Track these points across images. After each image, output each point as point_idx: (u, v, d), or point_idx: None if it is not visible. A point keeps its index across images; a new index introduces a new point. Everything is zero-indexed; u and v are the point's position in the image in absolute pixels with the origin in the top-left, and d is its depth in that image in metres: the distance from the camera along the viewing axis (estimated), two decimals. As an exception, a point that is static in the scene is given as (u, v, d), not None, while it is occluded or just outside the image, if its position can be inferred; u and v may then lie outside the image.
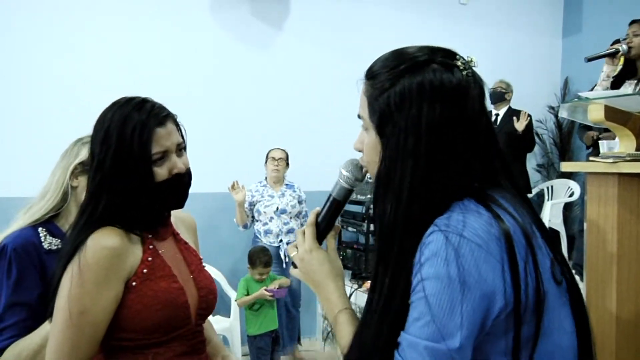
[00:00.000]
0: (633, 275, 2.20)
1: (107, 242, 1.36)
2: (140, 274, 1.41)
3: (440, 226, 0.95)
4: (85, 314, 1.33)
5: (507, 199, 1.03)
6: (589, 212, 2.33)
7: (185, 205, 1.57)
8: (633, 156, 2.17)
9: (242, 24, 5.21)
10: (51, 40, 4.56)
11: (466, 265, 0.91)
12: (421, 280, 0.94)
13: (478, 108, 1.05)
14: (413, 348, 0.92)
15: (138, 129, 1.39)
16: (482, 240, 0.93)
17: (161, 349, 1.44)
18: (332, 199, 1.24)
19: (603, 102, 2.25)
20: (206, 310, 1.57)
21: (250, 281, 4.37)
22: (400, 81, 1.02)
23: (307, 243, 1.23)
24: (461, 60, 1.06)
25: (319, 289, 1.21)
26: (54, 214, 1.77)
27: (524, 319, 0.94)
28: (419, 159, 0.99)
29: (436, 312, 0.91)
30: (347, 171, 1.22)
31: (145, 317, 1.39)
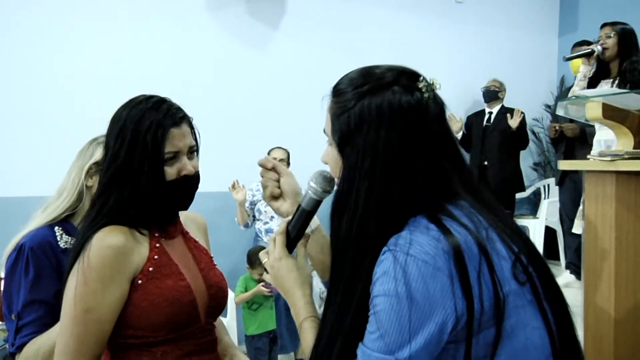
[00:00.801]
0: (631, 274, 2.20)
1: (111, 241, 1.37)
2: (146, 272, 1.42)
3: (390, 245, 0.99)
4: (91, 311, 1.35)
5: (463, 208, 1.06)
6: (586, 210, 2.32)
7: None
8: (631, 154, 2.17)
9: (239, 22, 5.19)
10: (50, 40, 4.54)
11: (413, 282, 0.95)
12: (374, 296, 0.99)
13: (436, 128, 1.07)
14: (367, 358, 0.98)
15: (154, 127, 1.41)
16: (429, 256, 0.96)
17: (169, 347, 1.44)
18: (301, 209, 1.28)
19: (601, 100, 2.24)
20: (216, 308, 1.58)
21: (249, 280, 4.36)
22: (361, 102, 1.06)
23: (277, 251, 1.27)
24: (424, 82, 1.08)
25: (287, 295, 1.25)
26: (70, 213, 1.80)
27: (481, 326, 0.96)
28: (374, 179, 1.03)
29: (386, 328, 0.96)
30: (315, 183, 1.26)
31: (151, 315, 1.40)
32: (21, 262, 1.68)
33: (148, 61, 4.79)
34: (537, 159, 6.44)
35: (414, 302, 0.94)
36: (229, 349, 1.68)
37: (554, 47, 6.58)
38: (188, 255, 1.58)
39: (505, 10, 6.32)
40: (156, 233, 1.50)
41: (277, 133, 5.07)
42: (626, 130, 2.28)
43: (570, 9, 6.45)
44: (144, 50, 4.82)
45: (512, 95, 5.70)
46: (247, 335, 4.37)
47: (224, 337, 1.72)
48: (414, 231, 0.99)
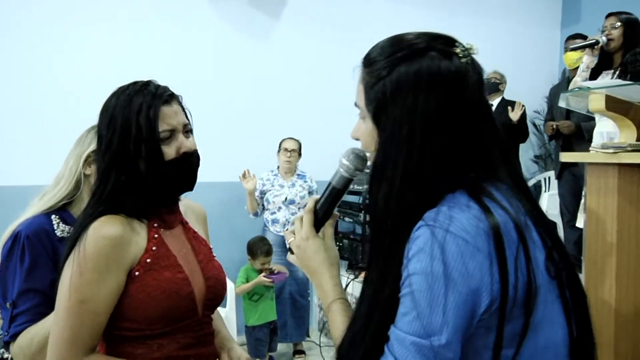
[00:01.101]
0: (632, 267, 2.19)
1: (107, 232, 1.35)
2: (143, 263, 1.40)
3: (428, 221, 0.94)
4: (86, 303, 1.33)
5: (502, 190, 1.01)
6: (588, 202, 2.31)
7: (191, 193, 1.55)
8: (634, 146, 2.16)
9: (240, 13, 5.18)
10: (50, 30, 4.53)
11: (452, 261, 0.90)
12: (408, 275, 0.93)
13: (476, 96, 1.03)
14: (400, 343, 0.92)
15: (144, 109, 1.39)
16: (470, 235, 0.92)
17: (165, 340, 1.42)
18: (331, 187, 1.22)
19: (604, 91, 2.23)
20: (214, 300, 1.56)
21: (250, 270, 4.36)
22: (397, 69, 1.00)
23: (304, 230, 1.21)
24: (460, 47, 1.03)
25: (314, 276, 1.20)
26: (67, 201, 1.78)
27: (512, 314, 0.93)
28: (412, 148, 0.98)
29: (422, 309, 0.91)
30: (348, 160, 1.20)
31: (148, 307, 1.38)
32: (17, 250, 1.66)
33: (150, 52, 4.79)
34: (537, 151, 6.42)
35: (452, 282, 0.90)
36: (226, 342, 1.66)
37: (556, 39, 6.54)
38: (187, 246, 1.55)
39: (507, 2, 6.29)
40: (155, 223, 1.48)
41: (288, 122, 5.09)
42: (629, 122, 2.27)
43: (573, 0, 6.40)
44: (146, 41, 4.82)
45: (513, 87, 5.67)
46: (248, 326, 4.38)
47: (221, 330, 1.70)
48: (454, 207, 0.95)
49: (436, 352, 0.89)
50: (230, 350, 1.63)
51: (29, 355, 1.59)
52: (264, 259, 4.31)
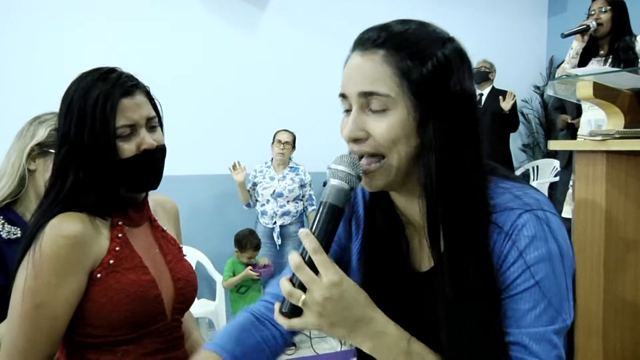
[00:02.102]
0: (620, 254, 2.18)
1: (66, 230, 1.24)
2: (106, 264, 1.30)
3: (524, 207, 0.90)
4: (42, 307, 1.23)
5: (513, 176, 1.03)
6: (577, 190, 2.29)
7: (173, 189, 1.48)
8: (622, 133, 2.13)
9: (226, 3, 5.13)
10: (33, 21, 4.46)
11: (560, 237, 0.90)
12: (527, 267, 0.88)
13: None
14: (541, 340, 0.87)
15: (101, 99, 1.28)
16: (554, 209, 0.93)
17: (131, 346, 1.33)
18: (328, 206, 0.93)
19: (592, 78, 2.20)
20: (183, 304, 1.47)
21: (236, 263, 4.36)
22: (442, 48, 0.93)
23: (330, 274, 0.88)
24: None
25: (365, 325, 0.91)
26: (11, 200, 1.65)
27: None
28: (474, 130, 0.95)
29: (551, 295, 0.88)
30: (346, 166, 0.94)
31: (111, 312, 1.28)
32: None
33: (137, 44, 4.75)
34: (525, 140, 6.42)
35: (567, 258, 0.90)
36: (197, 346, 1.55)
37: (543, 28, 6.53)
38: (154, 246, 1.45)
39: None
40: (119, 221, 1.37)
41: (279, 114, 5.09)
42: (617, 109, 2.25)
43: (559, -12, 6.40)
44: (133, 33, 4.78)
45: (502, 76, 5.66)
46: (235, 318, 4.36)
47: (193, 333, 1.61)
48: (522, 189, 0.94)
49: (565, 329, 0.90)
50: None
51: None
52: (252, 253, 4.31)
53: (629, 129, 2.18)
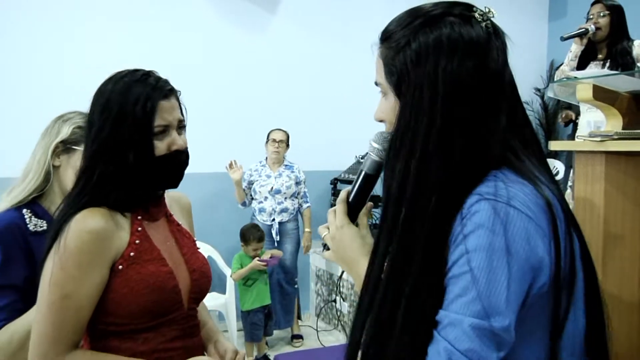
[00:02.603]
0: (618, 252, 2.17)
1: (90, 225, 1.28)
2: (126, 257, 1.34)
3: (486, 195, 0.86)
4: (68, 298, 1.27)
5: (540, 168, 0.96)
6: (576, 190, 2.29)
7: (184, 186, 1.50)
8: (620, 135, 2.13)
9: (235, 6, 5.14)
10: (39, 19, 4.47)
11: (516, 237, 0.83)
12: (464, 253, 0.85)
13: (500, 63, 0.97)
14: (456, 326, 0.82)
15: (142, 100, 1.32)
16: (532, 212, 0.86)
17: (150, 334, 1.37)
18: (363, 174, 1.13)
19: (591, 81, 2.20)
20: (199, 294, 1.50)
21: (244, 257, 4.40)
22: (417, 37, 0.94)
23: (338, 220, 1.11)
24: (478, 12, 0.97)
25: (350, 266, 1.09)
26: (38, 194, 1.67)
27: (560, 296, 0.87)
28: (434, 115, 0.90)
29: (482, 288, 0.82)
30: (378, 143, 1.11)
31: (132, 302, 1.32)
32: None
33: (145, 43, 4.77)
34: (526, 140, 6.40)
35: (515, 259, 0.83)
36: (212, 334, 1.61)
37: (544, 32, 6.52)
38: (171, 239, 1.49)
39: (497, -4, 6.25)
40: (139, 216, 1.41)
41: (276, 114, 5.10)
42: (615, 111, 2.24)
43: (560, -6, 6.39)
44: (141, 32, 4.80)
45: (503, 78, 5.65)
46: (243, 310, 4.41)
47: (207, 322, 1.64)
48: (510, 182, 0.88)
49: (496, 334, 0.81)
50: (217, 343, 1.58)
51: (9, 353, 1.50)
52: (257, 245, 4.35)
53: (627, 130, 2.17)
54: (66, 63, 4.48)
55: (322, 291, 5.34)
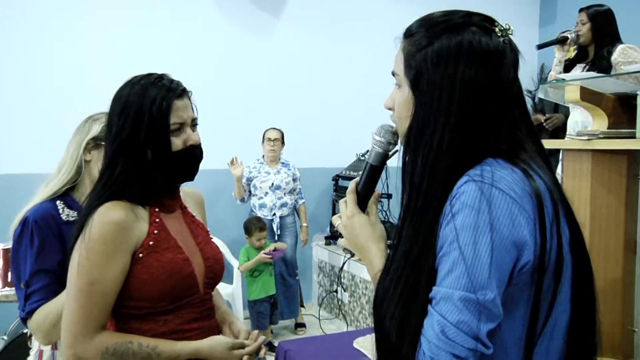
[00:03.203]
0: (603, 244, 2.21)
1: (112, 216, 1.34)
2: (146, 245, 1.39)
3: (473, 176, 0.90)
4: (95, 284, 1.32)
5: (537, 163, 0.98)
6: (565, 185, 2.31)
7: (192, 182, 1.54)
8: (605, 134, 2.17)
9: (242, 10, 5.16)
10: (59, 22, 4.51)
11: (500, 215, 0.86)
12: (454, 230, 0.88)
13: (512, 75, 1.00)
14: (447, 300, 0.85)
15: (159, 100, 1.37)
16: (517, 194, 0.88)
17: (169, 316, 1.42)
18: (368, 165, 1.17)
19: (579, 83, 2.24)
20: (213, 279, 1.55)
21: (250, 250, 4.43)
22: (439, 39, 0.97)
23: (349, 209, 1.15)
24: (499, 27, 1.01)
25: (362, 252, 1.13)
26: (70, 186, 1.77)
27: (544, 282, 0.90)
28: (450, 115, 0.94)
29: (469, 264, 0.85)
30: (380, 136, 1.14)
31: (152, 287, 1.37)
32: (26, 234, 1.67)
33: (157, 47, 4.78)
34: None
35: (498, 236, 0.85)
36: (226, 317, 1.66)
37: (535, 37, 6.54)
38: (186, 229, 1.54)
39: (491, 3, 6.27)
40: (156, 208, 1.46)
41: (274, 114, 5.09)
42: (601, 111, 2.27)
43: (549, 2, 6.42)
44: (153, 36, 4.81)
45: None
46: (250, 300, 4.44)
47: (221, 306, 1.69)
48: (498, 167, 0.91)
49: (483, 306, 0.84)
50: (232, 324, 1.62)
51: (44, 331, 1.60)
52: (259, 235, 4.38)
53: (612, 129, 2.21)
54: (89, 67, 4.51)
55: (324, 282, 5.38)
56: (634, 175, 2.19)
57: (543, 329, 0.92)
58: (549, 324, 0.93)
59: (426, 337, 0.87)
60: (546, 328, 0.92)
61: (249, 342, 1.49)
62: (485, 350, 0.85)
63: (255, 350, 1.48)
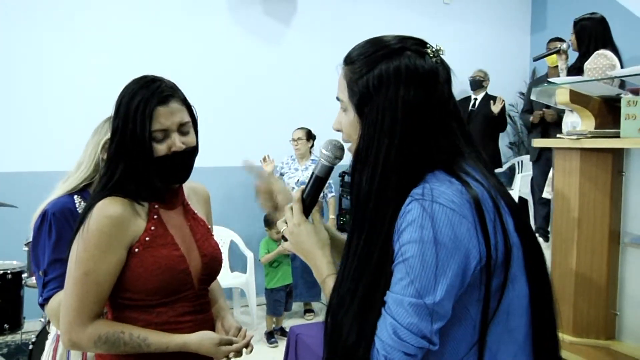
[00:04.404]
0: (590, 237, 2.21)
1: (109, 211, 1.31)
2: (142, 241, 1.35)
3: (415, 195, 0.92)
4: (90, 274, 1.29)
5: (474, 167, 1.00)
6: (555, 182, 2.32)
7: (210, 179, 1.52)
8: (593, 133, 2.17)
9: (255, 21, 5.18)
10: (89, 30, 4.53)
11: (442, 228, 0.89)
12: (400, 246, 0.92)
13: (447, 91, 1.01)
14: (399, 305, 0.90)
15: (141, 106, 1.32)
16: (456, 204, 0.90)
17: (164, 308, 1.39)
18: (314, 177, 1.17)
19: (568, 86, 2.24)
20: (209, 275, 1.50)
21: (270, 242, 4.44)
22: (378, 66, 0.98)
23: (295, 218, 1.15)
24: (431, 49, 1.02)
25: (309, 258, 1.15)
26: (88, 183, 1.76)
27: (494, 272, 0.93)
28: (394, 135, 0.96)
29: (415, 273, 0.89)
30: (327, 150, 1.15)
31: (147, 281, 1.34)
32: (45, 226, 1.67)
33: (175, 55, 4.79)
34: (512, 139, 6.42)
35: (442, 247, 0.89)
36: (221, 312, 1.59)
37: (527, 44, 6.57)
38: (186, 225, 1.48)
39: (485, 11, 6.29)
40: (156, 205, 1.42)
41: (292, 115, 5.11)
42: (589, 113, 2.27)
43: (540, 10, 6.45)
44: (171, 45, 4.83)
45: (491, 84, 5.69)
46: (267, 288, 4.46)
47: (218, 300, 1.63)
48: (437, 182, 0.93)
49: (430, 310, 0.88)
50: (224, 320, 1.55)
51: (57, 316, 1.57)
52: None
53: (599, 129, 2.22)
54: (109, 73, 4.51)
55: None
56: (618, 172, 2.19)
57: (495, 313, 0.95)
58: (503, 305, 0.96)
59: (380, 338, 0.91)
60: (500, 309, 0.95)
61: (237, 339, 1.44)
62: (432, 347, 0.90)
63: (242, 347, 1.43)
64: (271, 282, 4.43)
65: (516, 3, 6.49)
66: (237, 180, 4.93)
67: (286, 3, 5.29)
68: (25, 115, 4.40)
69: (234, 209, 4.87)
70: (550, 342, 1.04)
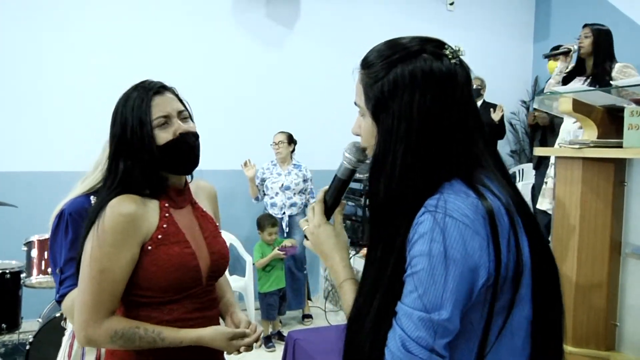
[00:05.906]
0: (590, 245, 2.21)
1: (122, 209, 1.32)
2: (155, 239, 1.37)
3: (429, 207, 0.90)
4: (105, 272, 1.31)
5: (492, 179, 0.97)
6: (557, 191, 2.32)
7: (210, 182, 1.52)
8: (595, 143, 2.17)
9: (259, 24, 5.19)
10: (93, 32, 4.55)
11: (453, 242, 0.87)
12: (411, 258, 0.90)
13: (466, 94, 0.97)
14: (408, 317, 0.89)
15: (138, 100, 1.36)
16: (469, 219, 0.88)
17: (174, 305, 1.41)
18: (337, 179, 1.18)
19: (571, 95, 2.24)
20: (217, 272, 1.53)
21: (263, 246, 4.44)
22: (394, 70, 0.95)
23: (316, 218, 1.16)
24: (449, 50, 0.98)
25: (327, 259, 1.15)
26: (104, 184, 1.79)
27: (502, 290, 0.91)
28: (409, 143, 0.93)
29: (424, 288, 0.88)
30: (350, 153, 1.15)
31: (159, 278, 1.36)
32: (62, 225, 1.70)
33: (179, 58, 4.81)
34: (513, 147, 6.41)
35: (452, 262, 0.87)
36: (229, 307, 1.63)
37: (530, 51, 6.55)
38: (195, 224, 1.51)
39: (488, 18, 6.29)
40: (166, 203, 1.44)
41: (288, 119, 5.10)
42: (591, 122, 2.27)
43: (543, 18, 6.43)
44: (175, 48, 4.85)
45: (494, 92, 5.67)
46: (261, 292, 4.45)
47: (225, 295, 1.66)
48: (452, 194, 0.91)
49: (438, 325, 0.87)
50: (233, 314, 1.59)
51: (72, 313, 1.60)
52: (271, 229, 4.41)
53: (601, 139, 2.22)
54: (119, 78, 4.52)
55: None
56: (619, 182, 2.19)
57: (501, 332, 0.93)
58: (509, 325, 0.94)
59: (390, 349, 0.90)
60: (505, 328, 0.94)
61: (249, 332, 1.47)
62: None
63: (253, 342, 1.47)
64: (264, 286, 4.43)
65: (519, 11, 6.49)
66: (237, 184, 4.93)
67: (289, 7, 5.31)
68: (25, 115, 4.41)
69: (233, 213, 4.88)
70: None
